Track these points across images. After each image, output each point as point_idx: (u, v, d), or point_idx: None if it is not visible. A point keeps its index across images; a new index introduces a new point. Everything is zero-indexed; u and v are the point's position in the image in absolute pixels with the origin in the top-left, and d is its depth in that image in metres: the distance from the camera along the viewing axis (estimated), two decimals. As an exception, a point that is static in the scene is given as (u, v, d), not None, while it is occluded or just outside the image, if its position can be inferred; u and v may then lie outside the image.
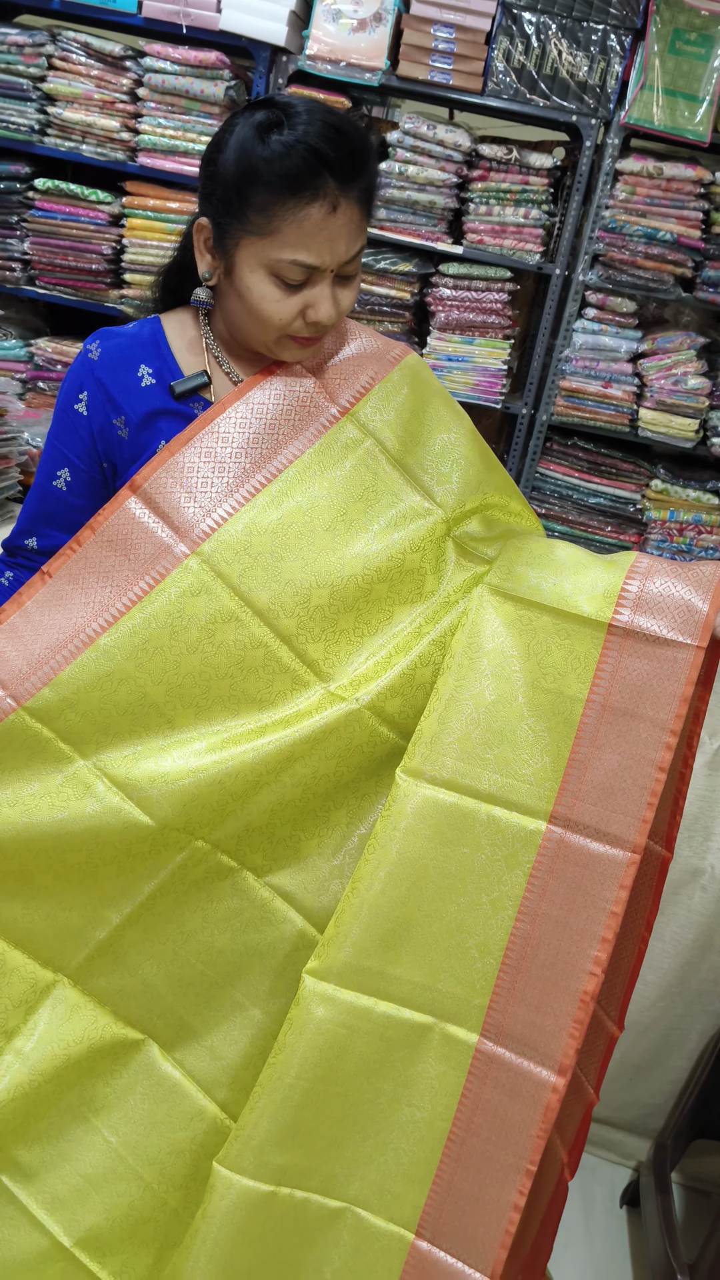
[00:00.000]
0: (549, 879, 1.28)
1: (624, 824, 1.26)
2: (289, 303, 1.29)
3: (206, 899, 1.42)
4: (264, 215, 1.24)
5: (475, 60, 2.88)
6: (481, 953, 1.30)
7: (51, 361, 3.23)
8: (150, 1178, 1.45)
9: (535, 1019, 1.27)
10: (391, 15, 2.86)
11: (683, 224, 2.91)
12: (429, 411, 1.46)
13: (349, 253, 1.28)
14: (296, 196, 1.22)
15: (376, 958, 1.31)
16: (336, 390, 1.41)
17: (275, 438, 1.37)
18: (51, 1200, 1.45)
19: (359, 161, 1.24)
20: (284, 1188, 1.33)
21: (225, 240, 1.29)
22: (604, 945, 1.25)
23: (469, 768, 1.31)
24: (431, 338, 3.11)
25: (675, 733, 1.25)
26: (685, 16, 2.81)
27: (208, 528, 1.33)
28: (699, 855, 2.04)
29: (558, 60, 2.86)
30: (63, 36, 2.98)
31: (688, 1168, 2.26)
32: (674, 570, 1.31)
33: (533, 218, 2.98)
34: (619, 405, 3.09)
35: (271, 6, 2.86)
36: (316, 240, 1.25)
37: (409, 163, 2.95)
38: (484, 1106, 1.29)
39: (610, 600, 1.30)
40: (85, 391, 1.39)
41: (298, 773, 1.36)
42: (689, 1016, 2.12)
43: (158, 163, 3.04)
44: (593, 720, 1.28)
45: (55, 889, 1.39)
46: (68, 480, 1.42)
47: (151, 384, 1.38)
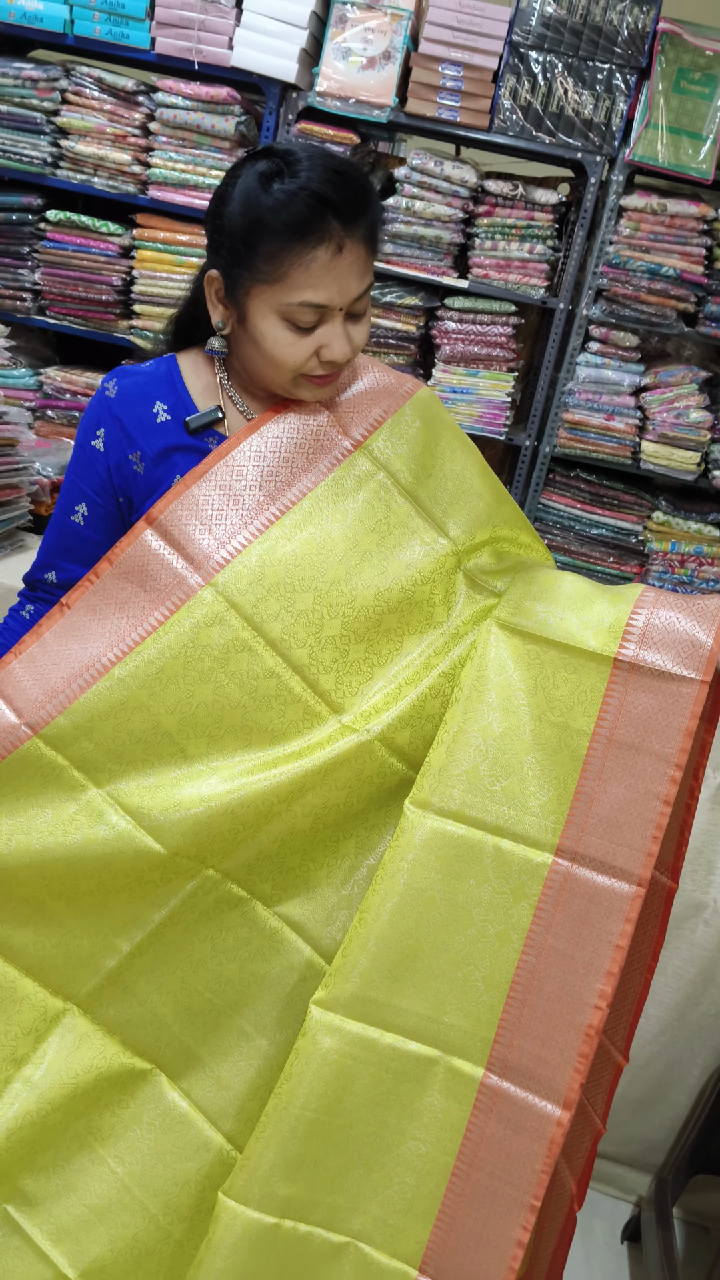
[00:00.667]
0: (555, 912, 1.28)
1: (629, 857, 1.26)
2: (302, 344, 1.31)
3: (216, 928, 1.42)
4: (272, 262, 1.26)
5: (482, 98, 2.92)
6: (487, 985, 1.31)
7: (60, 390, 3.26)
8: (155, 1209, 1.45)
9: (540, 1053, 1.27)
10: (400, 53, 2.91)
11: (686, 260, 2.95)
12: (440, 445, 1.48)
13: (358, 290, 1.31)
14: (303, 241, 1.24)
15: (383, 989, 1.31)
16: (349, 424, 1.43)
17: (289, 471, 1.39)
18: (56, 1231, 1.45)
19: (361, 202, 1.27)
20: (288, 1220, 1.33)
21: (236, 290, 1.32)
22: (609, 979, 1.25)
23: (476, 799, 1.32)
24: (437, 370, 3.14)
25: (680, 766, 1.26)
26: (689, 56, 2.85)
27: (222, 559, 1.35)
28: (701, 889, 2.04)
29: (563, 98, 2.90)
30: (76, 71, 3.03)
31: (689, 1203, 2.25)
32: (679, 604, 1.32)
33: (537, 253, 3.01)
34: (621, 438, 3.12)
35: (282, 44, 2.91)
36: (324, 281, 1.27)
37: (416, 198, 2.99)
38: (488, 1141, 1.29)
39: (616, 635, 1.31)
40: (102, 428, 1.41)
41: (308, 803, 1.37)
42: (690, 1051, 2.12)
43: (168, 196, 3.08)
44: (599, 754, 1.29)
45: (67, 916, 1.40)
46: (85, 515, 1.45)
47: (167, 420, 1.41)
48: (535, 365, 3.28)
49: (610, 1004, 1.26)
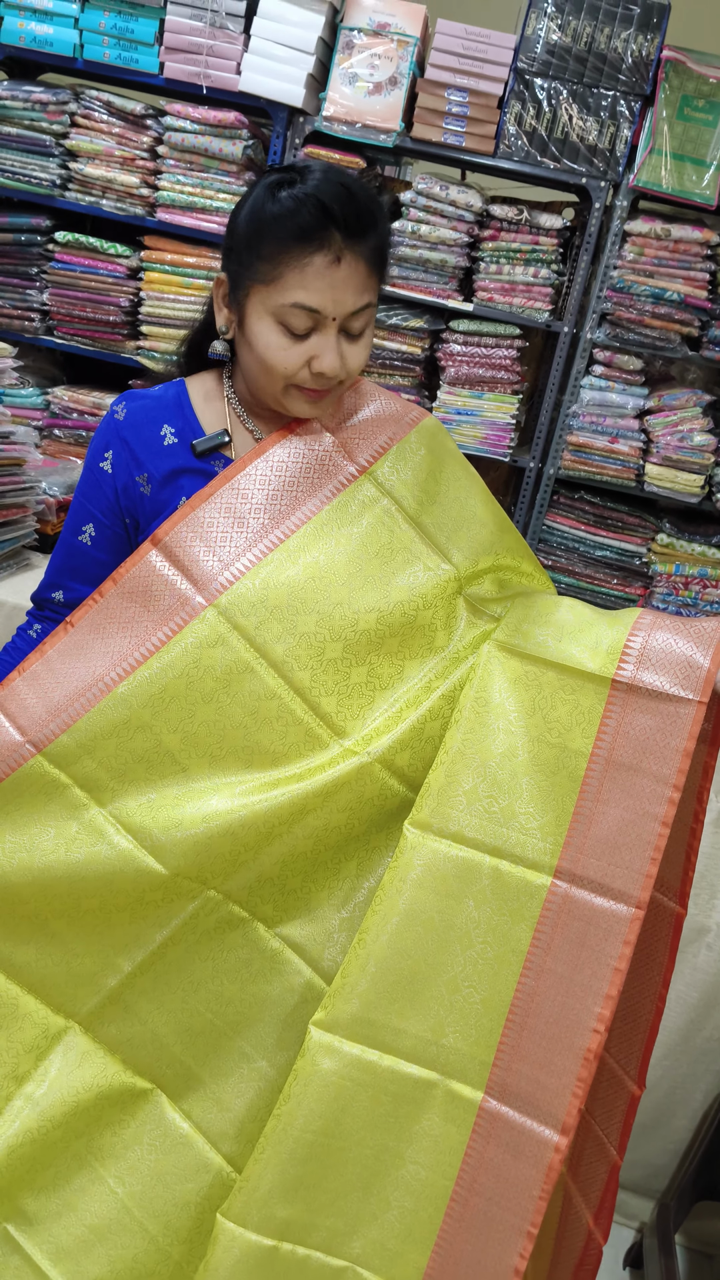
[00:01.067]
0: (554, 934, 1.28)
1: (628, 879, 1.26)
2: (294, 351, 1.32)
3: (217, 948, 1.43)
4: (270, 263, 1.28)
5: (488, 123, 2.95)
6: (486, 1008, 1.30)
7: (68, 410, 3.28)
8: (155, 1230, 1.44)
9: (539, 1077, 1.26)
10: (407, 79, 2.94)
11: (689, 284, 2.96)
12: (445, 473, 1.49)
13: (354, 305, 1.31)
14: (301, 245, 1.26)
15: (382, 1011, 1.31)
16: (355, 450, 1.44)
17: (294, 495, 1.40)
18: (56, 1251, 1.45)
19: (366, 220, 1.28)
20: (286, 1243, 1.33)
21: (238, 292, 1.34)
22: (608, 1002, 1.24)
23: (475, 821, 1.32)
24: (441, 392, 3.15)
25: (678, 788, 1.25)
26: (694, 84, 2.88)
27: (226, 581, 1.36)
28: (704, 913, 2.04)
29: (568, 124, 2.93)
30: (85, 95, 3.05)
31: (692, 1229, 2.24)
32: (677, 626, 1.33)
33: (542, 277, 3.03)
34: (625, 460, 3.13)
35: (289, 69, 2.93)
36: (318, 286, 1.28)
37: (421, 222, 3.01)
38: (487, 1166, 1.28)
39: (614, 656, 1.31)
40: (110, 450, 1.43)
41: (309, 825, 1.38)
42: (693, 1076, 2.11)
43: (176, 218, 3.10)
44: (597, 775, 1.29)
45: (69, 935, 1.40)
46: (92, 535, 1.46)
47: (174, 443, 1.42)
48: (540, 388, 3.30)
49: (609, 1027, 1.25)
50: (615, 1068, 1.48)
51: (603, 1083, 1.50)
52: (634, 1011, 1.47)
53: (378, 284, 1.34)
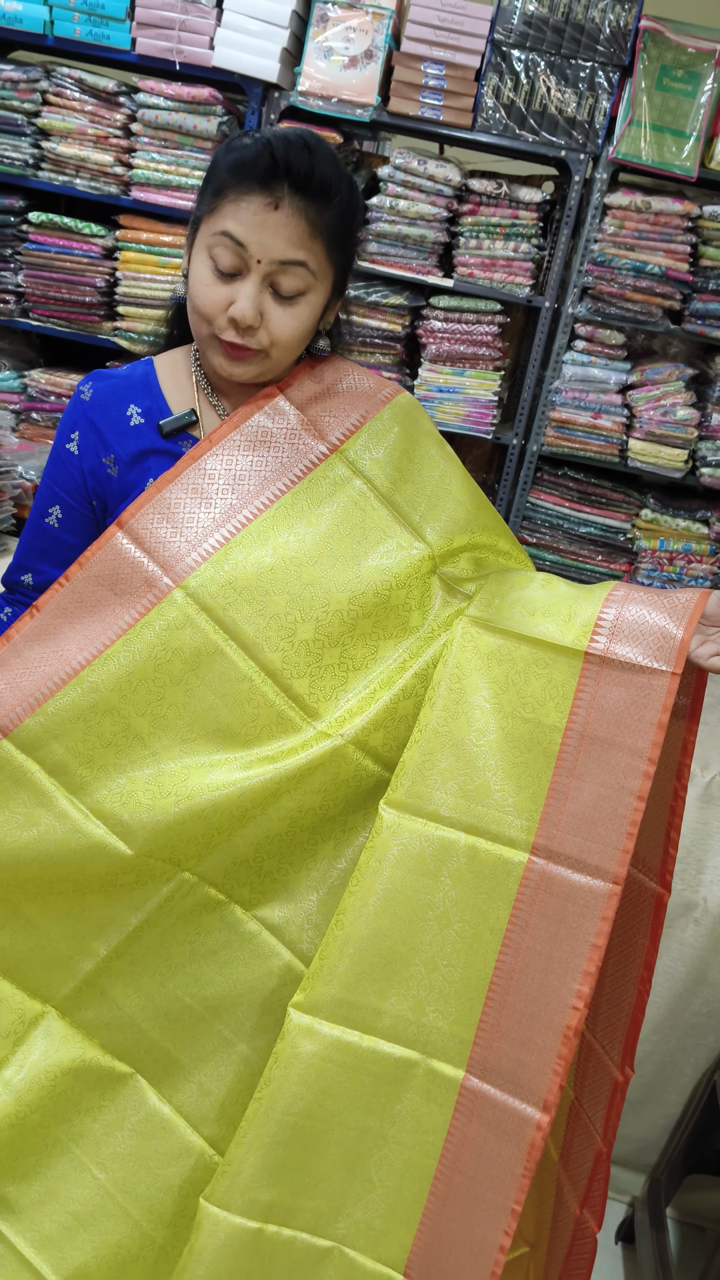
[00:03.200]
0: (531, 912, 1.27)
1: (605, 855, 1.24)
2: (217, 290, 1.29)
3: (194, 931, 1.41)
4: (215, 196, 1.29)
5: (465, 96, 2.91)
6: (466, 987, 1.29)
7: (45, 393, 3.25)
8: (138, 1215, 1.44)
9: (520, 1055, 1.26)
10: (382, 52, 2.90)
11: (671, 257, 2.94)
12: (419, 451, 1.47)
13: (282, 254, 1.28)
14: (245, 182, 1.26)
15: (361, 991, 1.30)
16: (326, 428, 1.42)
17: (262, 474, 1.38)
18: (40, 1239, 1.44)
19: (318, 180, 1.26)
20: (271, 1225, 1.32)
21: (192, 234, 1.34)
22: (587, 979, 1.23)
23: (450, 799, 1.31)
24: (423, 370, 3.13)
25: (653, 761, 1.24)
26: (672, 54, 2.85)
27: (193, 562, 1.34)
28: (691, 889, 2.04)
29: (546, 96, 2.89)
30: (57, 72, 3.01)
31: (683, 1203, 2.25)
32: (649, 598, 1.31)
33: (522, 251, 3.01)
34: (608, 436, 3.11)
35: (263, 44, 2.89)
36: (250, 221, 1.26)
37: (400, 197, 2.97)
38: (470, 1144, 1.28)
39: (587, 629, 1.29)
40: (77, 431, 1.41)
41: (283, 807, 1.36)
42: (682, 1051, 2.12)
43: (151, 197, 3.06)
44: (571, 750, 1.28)
45: (42, 919, 1.39)
46: (59, 517, 1.45)
47: (141, 423, 1.40)
48: (522, 364, 3.27)
49: (590, 1005, 1.24)
50: (601, 1053, 1.47)
51: (590, 1069, 1.49)
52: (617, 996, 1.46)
53: (325, 257, 1.31)
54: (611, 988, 1.47)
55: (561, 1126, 1.55)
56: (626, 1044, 1.44)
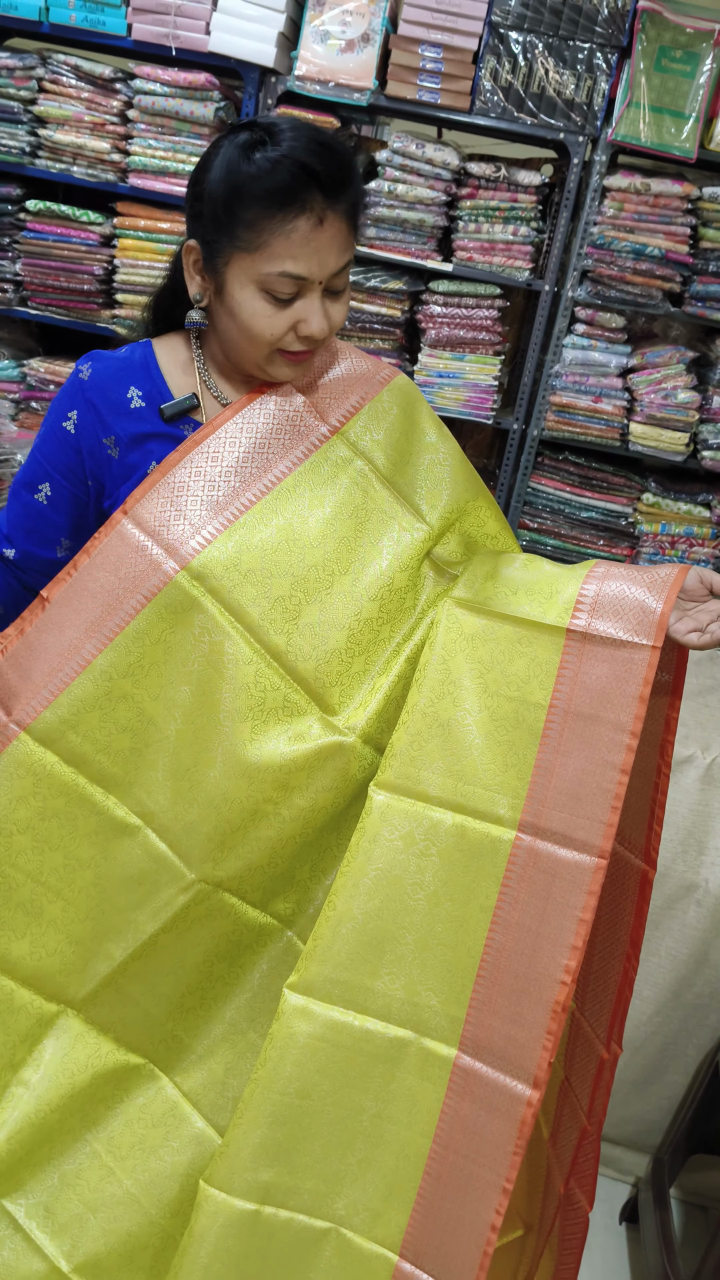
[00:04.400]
0: (519, 888, 1.28)
1: (589, 829, 1.25)
2: (280, 318, 1.29)
3: (209, 935, 1.42)
4: (252, 230, 1.25)
5: (463, 79, 2.90)
6: (457, 965, 1.30)
7: (44, 382, 3.24)
8: (149, 1204, 1.45)
9: (510, 1031, 1.27)
10: (379, 36, 2.88)
11: (670, 239, 2.93)
12: (417, 432, 1.48)
13: (337, 265, 1.29)
14: (284, 210, 1.23)
15: (353, 971, 1.31)
16: (326, 410, 1.42)
17: (265, 456, 1.38)
18: (53, 1225, 1.45)
19: (345, 176, 1.26)
20: (269, 1206, 1.33)
21: (215, 260, 1.30)
22: (574, 953, 1.24)
23: (438, 779, 1.31)
24: (422, 355, 3.12)
25: (635, 734, 1.25)
26: (670, 34, 2.83)
27: (197, 545, 1.34)
28: (693, 870, 2.04)
29: (544, 79, 2.88)
30: (53, 59, 3.00)
31: (686, 1183, 2.26)
32: (629, 574, 1.32)
33: (521, 235, 3.00)
34: (609, 420, 3.10)
35: (260, 28, 2.88)
36: (304, 252, 1.25)
37: (398, 181, 2.96)
38: (462, 1123, 1.28)
39: (569, 607, 1.31)
40: (75, 410, 1.40)
41: (296, 805, 1.37)
42: (685, 1031, 2.12)
43: (148, 184, 3.05)
44: (556, 726, 1.28)
45: (64, 920, 1.39)
46: (49, 495, 1.44)
47: (141, 406, 1.39)
48: (522, 348, 3.26)
49: (576, 979, 1.25)
50: (589, 1031, 1.48)
51: (579, 1048, 1.50)
52: (604, 974, 1.47)
53: (355, 234, 1.32)
54: (599, 966, 1.48)
55: (552, 1106, 1.56)
56: (613, 1021, 1.45)
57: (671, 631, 1.29)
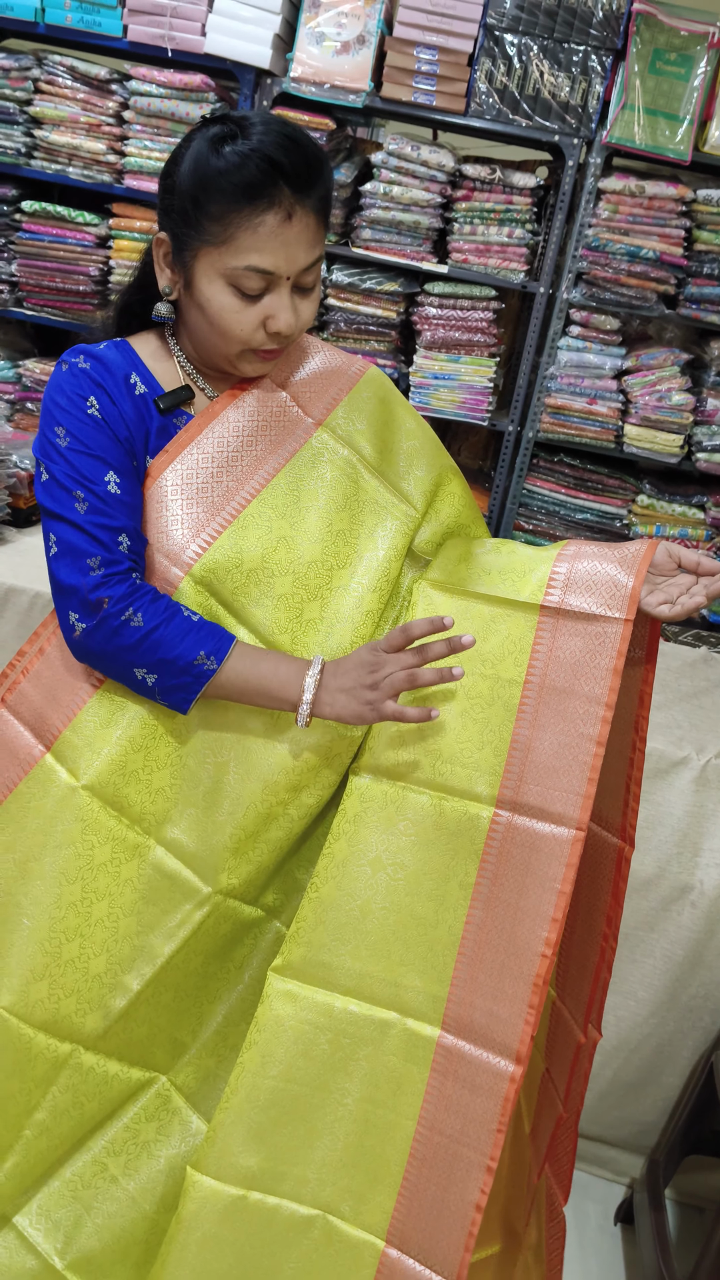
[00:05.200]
0: (500, 864, 1.28)
1: (567, 801, 1.26)
2: (248, 313, 1.28)
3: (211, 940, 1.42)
4: (220, 224, 1.23)
5: (458, 81, 2.90)
6: (438, 943, 1.30)
7: (39, 383, 3.24)
8: (144, 1200, 1.45)
9: (493, 1008, 1.27)
10: (375, 38, 2.89)
11: (665, 242, 2.94)
12: (395, 420, 1.48)
13: (306, 260, 1.27)
14: (252, 204, 1.22)
15: (335, 953, 1.31)
16: (309, 403, 1.42)
17: (255, 454, 1.37)
18: (47, 1224, 1.45)
19: (314, 170, 1.24)
20: (255, 1192, 1.33)
21: (184, 253, 1.28)
22: (553, 925, 1.24)
23: (414, 758, 1.32)
24: (418, 356, 3.13)
25: (610, 706, 1.26)
26: (665, 37, 2.84)
27: (197, 549, 1.33)
28: (688, 871, 2.04)
29: (539, 81, 2.88)
30: (49, 60, 3.00)
31: (681, 1184, 2.26)
32: (600, 551, 1.33)
33: (517, 237, 3.00)
34: (604, 422, 3.11)
35: (256, 30, 2.88)
36: (272, 246, 1.24)
37: (393, 183, 2.97)
38: (447, 1103, 1.28)
39: (541, 584, 1.32)
40: (92, 396, 1.32)
41: (304, 804, 1.37)
42: (680, 1033, 2.13)
43: (144, 185, 3.05)
44: (531, 702, 1.29)
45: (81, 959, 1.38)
46: (117, 482, 1.31)
47: (145, 391, 1.36)
48: (517, 350, 3.27)
49: (555, 951, 1.25)
50: (567, 1017, 1.48)
51: (558, 1036, 1.50)
52: (582, 959, 1.47)
53: (325, 230, 1.31)
54: (579, 951, 1.48)
55: (533, 1099, 1.56)
56: (590, 1004, 1.45)
57: (643, 604, 1.30)
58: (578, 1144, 2.26)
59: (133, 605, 1.26)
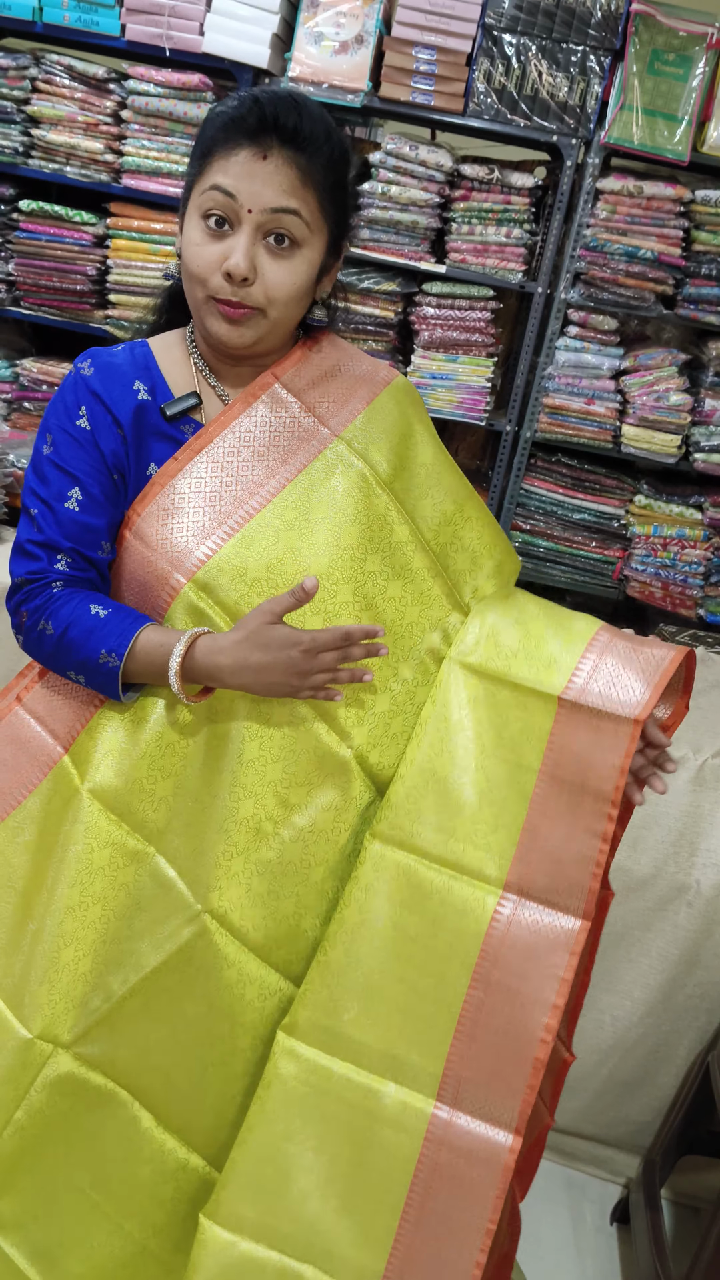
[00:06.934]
0: (502, 947, 1.29)
1: (571, 893, 1.29)
2: (210, 249, 1.27)
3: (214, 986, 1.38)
4: (204, 156, 1.27)
5: (456, 81, 2.90)
6: (436, 1019, 1.31)
7: (37, 382, 3.24)
8: (131, 1228, 1.44)
9: (490, 1084, 1.29)
10: (373, 37, 2.89)
11: (663, 242, 2.94)
12: (414, 437, 1.44)
13: (274, 201, 1.25)
14: (231, 136, 1.25)
15: (336, 1018, 1.32)
16: (327, 414, 1.39)
17: (267, 464, 1.35)
18: (33, 1250, 1.45)
19: (306, 129, 1.25)
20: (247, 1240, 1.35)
21: (184, 203, 1.32)
22: (554, 1012, 1.27)
23: (431, 835, 1.33)
24: (416, 356, 3.12)
25: (616, 804, 1.28)
26: (663, 37, 2.84)
27: (202, 556, 1.32)
28: (684, 871, 2.04)
29: (538, 81, 2.88)
30: (46, 59, 3.00)
31: (677, 1184, 2.26)
32: (626, 651, 1.34)
33: (515, 237, 3.00)
34: (602, 422, 3.11)
35: (254, 29, 2.88)
36: (239, 172, 1.25)
37: (391, 183, 2.97)
38: (440, 1171, 1.30)
39: (565, 675, 1.32)
40: (84, 406, 1.34)
41: (296, 825, 1.36)
42: (676, 1033, 2.13)
43: (141, 184, 3.05)
44: (543, 791, 1.31)
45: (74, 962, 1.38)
46: (79, 500, 1.34)
47: (147, 399, 1.35)
48: (515, 350, 3.27)
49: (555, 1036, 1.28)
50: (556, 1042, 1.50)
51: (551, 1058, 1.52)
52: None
53: (317, 206, 1.29)
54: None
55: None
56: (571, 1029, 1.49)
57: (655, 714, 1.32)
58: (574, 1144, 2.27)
59: (44, 615, 1.31)
